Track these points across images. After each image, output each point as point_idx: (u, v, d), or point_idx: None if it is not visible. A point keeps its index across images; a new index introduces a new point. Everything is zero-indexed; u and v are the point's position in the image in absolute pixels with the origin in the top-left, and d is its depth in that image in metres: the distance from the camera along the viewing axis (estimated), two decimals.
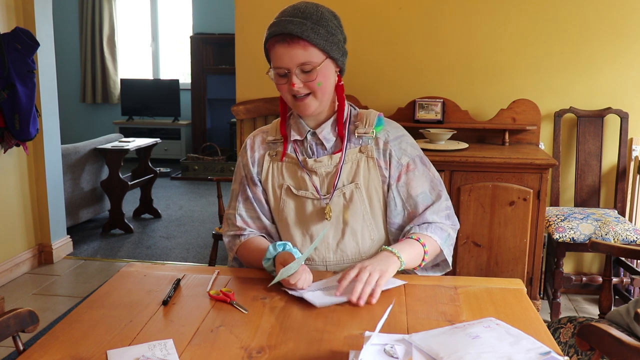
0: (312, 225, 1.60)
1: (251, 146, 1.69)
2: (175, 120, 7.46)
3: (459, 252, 2.95)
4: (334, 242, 1.60)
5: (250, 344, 1.20)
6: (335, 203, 1.59)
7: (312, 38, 1.47)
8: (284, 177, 1.63)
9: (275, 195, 1.64)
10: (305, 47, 1.48)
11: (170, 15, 7.68)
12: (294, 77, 1.50)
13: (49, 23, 3.79)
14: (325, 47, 1.50)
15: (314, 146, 1.63)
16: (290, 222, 1.62)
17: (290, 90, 1.52)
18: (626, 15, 3.29)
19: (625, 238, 2.92)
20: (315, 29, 1.48)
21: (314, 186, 1.59)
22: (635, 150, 3.34)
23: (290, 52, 1.48)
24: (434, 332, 1.18)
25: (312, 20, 1.48)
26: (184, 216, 5.13)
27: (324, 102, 1.57)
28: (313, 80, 1.51)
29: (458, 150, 3.02)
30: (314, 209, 1.60)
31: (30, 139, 3.41)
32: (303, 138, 1.63)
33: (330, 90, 1.57)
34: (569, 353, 1.79)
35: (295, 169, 1.62)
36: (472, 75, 3.45)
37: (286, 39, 1.48)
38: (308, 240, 1.61)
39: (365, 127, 1.61)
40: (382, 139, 1.61)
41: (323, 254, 1.61)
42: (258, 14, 3.57)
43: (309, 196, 1.60)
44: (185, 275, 1.56)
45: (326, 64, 1.52)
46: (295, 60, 1.49)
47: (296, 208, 1.61)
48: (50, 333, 1.24)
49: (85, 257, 4.06)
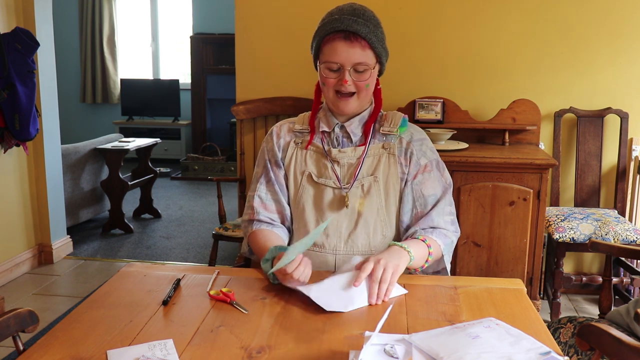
0: (328, 212, 1.64)
1: (277, 133, 1.74)
2: (175, 120, 7.46)
3: (459, 252, 2.95)
4: (347, 232, 1.63)
5: (250, 344, 1.20)
6: (353, 194, 1.63)
7: (373, 41, 1.56)
8: (307, 165, 1.67)
9: (296, 180, 1.68)
10: (364, 47, 1.55)
11: (170, 15, 7.68)
12: (347, 74, 1.55)
13: (49, 23, 3.79)
14: (380, 51, 1.59)
15: (340, 138, 1.68)
16: (307, 208, 1.66)
17: (339, 86, 1.57)
18: (626, 15, 3.29)
19: (625, 238, 2.92)
20: (376, 33, 1.57)
21: (335, 175, 1.64)
22: (635, 150, 3.34)
23: (349, 49, 1.54)
24: (434, 332, 1.18)
25: (372, 23, 1.57)
26: (184, 216, 5.13)
27: (364, 103, 1.64)
28: (364, 81, 1.57)
29: (458, 150, 3.02)
30: (332, 197, 1.64)
31: (30, 139, 3.41)
32: (331, 130, 1.68)
33: (372, 92, 1.64)
34: (569, 353, 1.79)
35: (319, 158, 1.67)
36: (472, 75, 3.45)
37: (350, 36, 1.54)
38: None
39: (390, 126, 1.66)
40: (406, 139, 1.66)
41: (334, 242, 1.63)
42: (258, 14, 3.57)
43: (329, 184, 1.64)
44: (185, 275, 1.56)
45: (376, 68, 1.60)
46: (352, 59, 1.55)
47: (314, 195, 1.65)
48: (50, 333, 1.24)
49: (85, 257, 4.06)
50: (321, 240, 1.64)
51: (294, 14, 3.52)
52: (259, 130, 3.64)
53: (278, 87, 3.59)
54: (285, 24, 3.55)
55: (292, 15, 3.53)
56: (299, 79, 3.55)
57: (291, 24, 3.53)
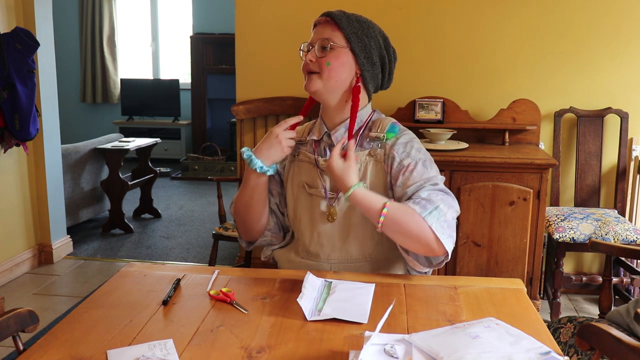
0: (322, 223, 1.62)
1: None
2: (175, 120, 7.46)
3: (459, 252, 2.95)
4: (340, 242, 1.62)
5: (250, 344, 1.20)
6: (342, 203, 1.60)
7: (343, 25, 1.57)
8: (302, 175, 1.67)
9: (293, 192, 1.68)
10: (333, 29, 1.58)
11: (170, 15, 7.68)
12: (312, 52, 1.59)
13: (49, 23, 3.79)
14: (351, 37, 1.57)
15: (328, 146, 1.66)
16: (303, 220, 1.65)
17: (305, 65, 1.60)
18: (626, 15, 3.29)
19: (625, 238, 2.92)
20: (351, 22, 1.58)
21: (322, 185, 1.63)
22: (635, 150, 3.34)
23: (321, 29, 1.59)
24: (434, 332, 1.18)
25: (353, 17, 1.59)
26: (184, 216, 5.13)
27: (329, 87, 1.59)
28: (323, 58, 1.57)
29: (458, 150, 3.02)
30: (324, 207, 1.62)
31: (30, 139, 3.41)
32: (320, 138, 1.67)
33: (340, 80, 1.59)
34: (569, 353, 1.79)
35: (310, 167, 1.66)
36: (472, 75, 3.45)
37: (323, 18, 1.60)
38: (315, 238, 1.62)
39: (377, 132, 1.61)
40: (389, 144, 1.59)
41: (328, 252, 1.62)
42: (258, 14, 3.57)
43: (320, 194, 1.63)
44: (185, 275, 1.56)
45: (344, 52, 1.58)
46: (320, 36, 1.58)
47: (308, 206, 1.64)
48: (50, 333, 1.24)
49: (85, 257, 4.06)
50: (316, 249, 1.63)
51: (294, 14, 3.52)
52: (259, 130, 3.64)
53: (278, 87, 3.59)
54: (285, 24, 3.55)
55: (292, 16, 3.53)
56: (299, 79, 3.50)
57: (291, 24, 3.53)
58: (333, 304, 1.35)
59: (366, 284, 1.46)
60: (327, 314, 1.30)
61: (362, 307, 1.34)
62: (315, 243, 1.63)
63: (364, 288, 1.44)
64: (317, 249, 1.62)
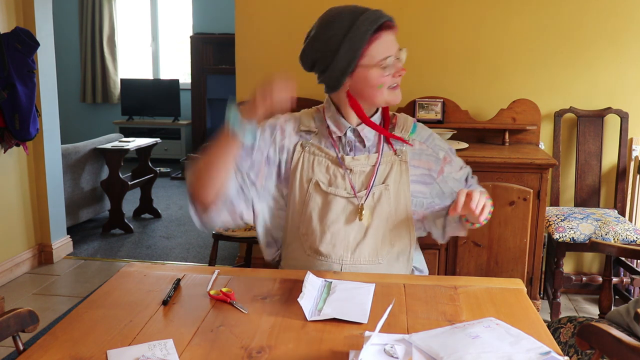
0: (337, 223, 1.58)
1: (282, 129, 1.64)
2: (175, 120, 7.46)
3: (459, 252, 2.95)
4: (354, 242, 1.59)
5: (250, 344, 1.20)
6: (367, 204, 1.58)
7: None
8: (314, 172, 1.59)
9: (302, 188, 1.60)
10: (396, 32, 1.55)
11: (170, 15, 7.67)
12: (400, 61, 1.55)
13: (49, 23, 3.79)
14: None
15: (354, 142, 1.61)
16: (314, 217, 1.59)
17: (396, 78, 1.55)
18: (626, 16, 3.29)
19: (625, 238, 2.92)
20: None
21: (350, 184, 1.58)
22: (635, 150, 3.34)
23: (393, 38, 1.54)
24: (434, 332, 1.18)
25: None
26: (184, 216, 5.13)
27: None
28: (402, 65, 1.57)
29: (458, 150, 3.01)
30: (343, 207, 1.58)
31: (30, 139, 3.41)
32: (342, 134, 1.61)
33: None
34: (569, 353, 1.79)
35: (329, 165, 1.60)
36: (472, 75, 3.45)
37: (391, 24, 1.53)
38: (328, 238, 1.58)
39: (402, 132, 1.62)
40: (417, 141, 1.64)
41: (341, 252, 1.58)
42: (258, 14, 3.57)
43: (340, 194, 1.58)
44: (185, 275, 1.56)
45: None
46: (396, 44, 1.54)
47: (322, 204, 1.58)
48: (50, 333, 1.24)
49: (85, 257, 4.06)
50: (327, 250, 1.58)
51: (294, 14, 3.52)
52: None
53: None
54: (285, 24, 3.54)
55: (292, 15, 3.53)
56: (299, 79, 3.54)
57: (291, 24, 3.53)
58: (333, 304, 1.35)
59: (366, 284, 1.47)
60: (327, 314, 1.30)
61: (362, 307, 1.34)
62: (327, 243, 1.58)
63: (364, 288, 1.44)
64: (329, 249, 1.58)
